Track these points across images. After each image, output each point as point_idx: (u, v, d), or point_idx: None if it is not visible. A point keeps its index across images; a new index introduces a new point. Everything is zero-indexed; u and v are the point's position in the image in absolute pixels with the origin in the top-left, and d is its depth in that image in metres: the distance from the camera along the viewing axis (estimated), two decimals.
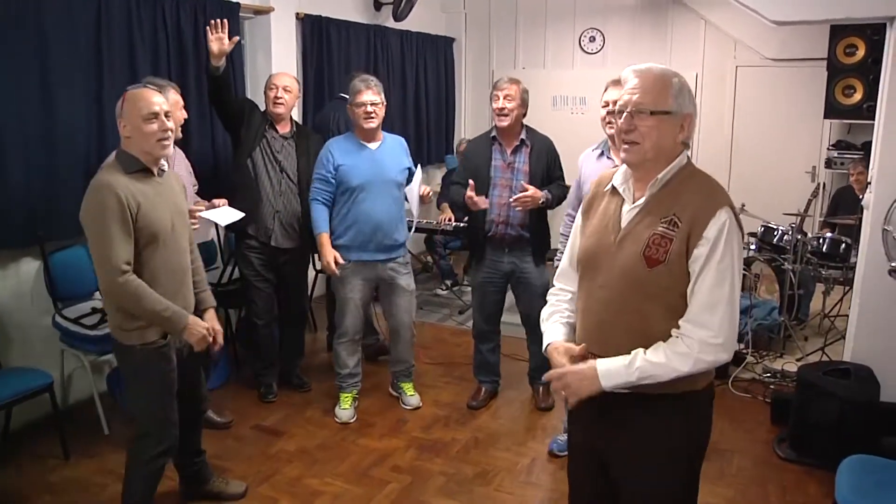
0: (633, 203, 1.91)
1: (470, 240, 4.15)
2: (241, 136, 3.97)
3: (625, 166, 1.95)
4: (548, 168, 3.89)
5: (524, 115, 3.89)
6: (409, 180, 4.05)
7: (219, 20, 3.70)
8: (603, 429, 1.98)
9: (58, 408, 3.57)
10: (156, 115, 2.55)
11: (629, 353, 1.83)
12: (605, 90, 3.22)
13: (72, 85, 3.76)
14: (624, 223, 1.91)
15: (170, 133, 2.61)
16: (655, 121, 1.82)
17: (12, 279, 3.77)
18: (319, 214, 3.81)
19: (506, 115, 3.80)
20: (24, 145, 3.58)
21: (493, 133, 3.94)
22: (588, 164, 3.41)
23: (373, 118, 3.74)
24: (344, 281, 3.87)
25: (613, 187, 1.98)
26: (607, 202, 1.99)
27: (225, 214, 3.76)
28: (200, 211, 3.51)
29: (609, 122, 3.17)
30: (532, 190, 3.68)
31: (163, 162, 2.68)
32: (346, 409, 4.00)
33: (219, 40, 3.69)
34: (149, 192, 2.57)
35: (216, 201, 3.83)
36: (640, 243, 1.84)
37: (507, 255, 3.94)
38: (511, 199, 3.73)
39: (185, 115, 3.65)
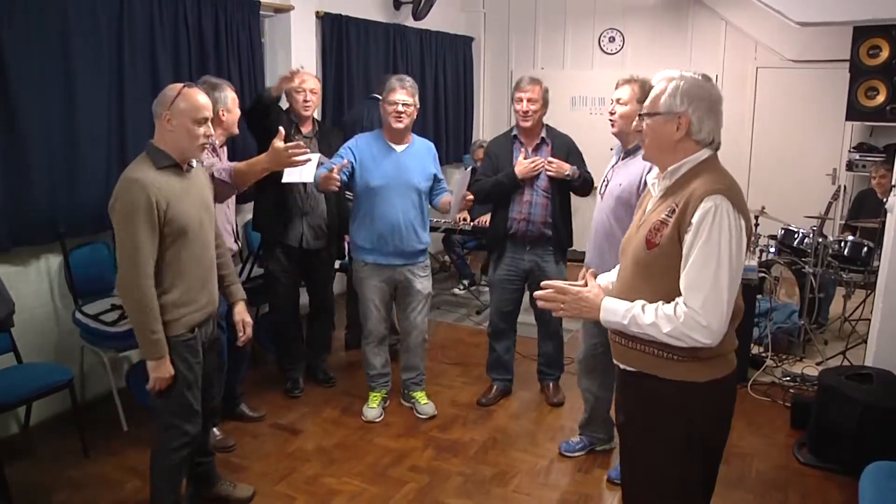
0: (657, 194, 2.08)
1: (491, 236, 4.14)
2: (266, 141, 3.94)
3: None
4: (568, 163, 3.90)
5: (544, 113, 3.92)
6: (456, 181, 3.99)
7: (297, 68, 3.84)
8: (619, 402, 2.22)
9: (77, 404, 3.59)
10: (205, 121, 2.58)
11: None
12: (616, 87, 3.24)
13: (93, 83, 3.78)
14: (646, 212, 2.08)
15: (212, 139, 2.66)
16: (651, 122, 2.01)
17: (34, 275, 3.80)
18: (319, 170, 3.58)
19: (529, 117, 3.83)
20: (45, 143, 3.61)
21: (514, 132, 3.96)
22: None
23: (402, 119, 3.67)
24: (362, 282, 3.86)
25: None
26: (647, 198, 2.17)
27: (306, 171, 3.55)
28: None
29: (610, 120, 3.21)
30: (558, 162, 3.77)
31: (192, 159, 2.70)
32: (373, 407, 3.99)
33: (287, 80, 3.79)
34: (177, 187, 2.57)
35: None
36: (647, 228, 2.00)
37: (528, 252, 3.95)
38: (538, 161, 3.79)
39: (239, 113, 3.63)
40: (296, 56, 5.12)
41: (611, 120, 3.20)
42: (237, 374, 3.83)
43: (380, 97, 3.92)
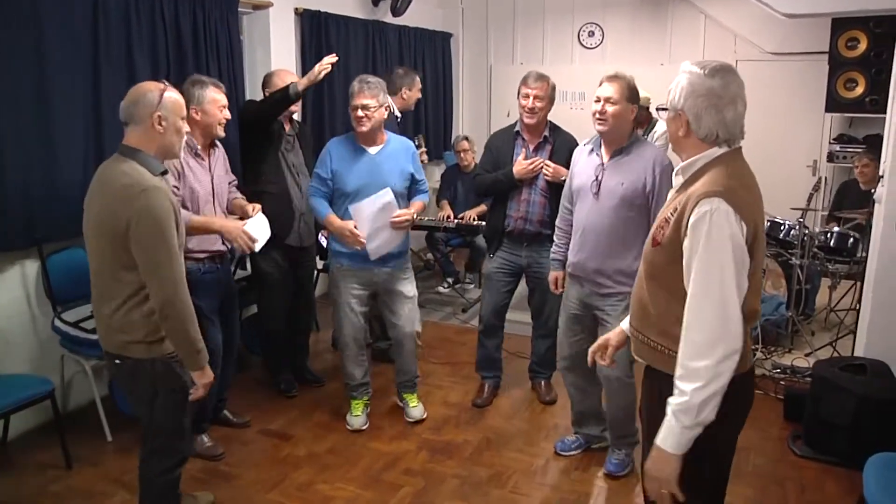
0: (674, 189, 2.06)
1: (489, 230, 4.09)
2: (270, 143, 3.91)
3: None
4: (567, 165, 3.83)
5: (550, 110, 3.86)
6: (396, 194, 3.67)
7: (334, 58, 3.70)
8: (642, 395, 2.22)
9: (59, 414, 3.47)
10: (185, 117, 2.50)
11: (641, 325, 2.05)
12: (599, 85, 3.14)
13: (68, 82, 3.65)
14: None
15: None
16: (665, 116, 2.01)
17: (10, 282, 3.66)
18: (320, 203, 3.62)
19: (535, 114, 3.77)
20: (20, 146, 3.47)
21: (517, 128, 3.90)
22: (581, 159, 3.32)
23: (363, 122, 3.55)
24: (337, 284, 3.74)
25: None
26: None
27: (261, 229, 3.48)
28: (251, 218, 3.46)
29: (597, 119, 3.10)
30: (556, 167, 3.73)
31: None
32: (357, 415, 3.88)
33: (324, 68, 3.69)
34: (171, 196, 2.47)
35: (249, 207, 3.58)
36: (656, 225, 2.00)
37: (525, 249, 3.92)
38: (537, 161, 3.75)
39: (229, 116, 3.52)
40: (275, 53, 5.02)
41: (601, 119, 3.08)
42: (225, 377, 3.74)
43: None
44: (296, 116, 4.28)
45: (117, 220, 2.29)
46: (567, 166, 3.81)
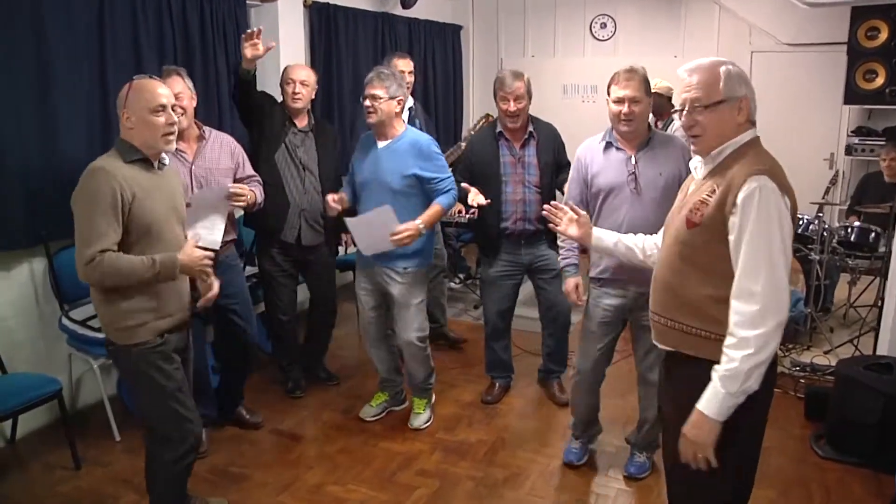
0: (699, 177, 2.09)
1: (481, 236, 3.99)
2: (265, 133, 3.81)
3: None
4: (555, 155, 3.81)
5: (529, 105, 3.74)
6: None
7: (255, 28, 3.53)
8: (662, 388, 2.25)
9: (67, 414, 3.41)
10: (163, 108, 2.45)
11: (669, 309, 2.06)
12: (615, 84, 2.98)
13: (73, 78, 3.60)
14: (688, 195, 2.09)
15: (176, 127, 2.51)
16: (711, 112, 1.96)
17: (16, 281, 3.62)
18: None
19: (517, 117, 3.67)
20: (24, 143, 3.43)
21: (499, 128, 3.78)
22: (596, 157, 3.11)
23: (371, 113, 3.45)
24: (356, 282, 3.75)
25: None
26: (689, 181, 2.17)
27: (211, 233, 3.26)
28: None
29: (623, 120, 2.95)
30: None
31: (164, 156, 2.57)
32: (371, 406, 3.90)
33: (253, 46, 3.53)
34: (145, 183, 2.46)
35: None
36: (687, 208, 2.01)
37: (524, 247, 3.84)
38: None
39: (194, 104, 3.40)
40: (284, 47, 4.94)
41: (628, 121, 2.94)
42: (243, 373, 3.71)
43: None
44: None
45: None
46: (554, 156, 3.76)
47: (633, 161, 3.01)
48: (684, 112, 2.00)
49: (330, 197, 3.60)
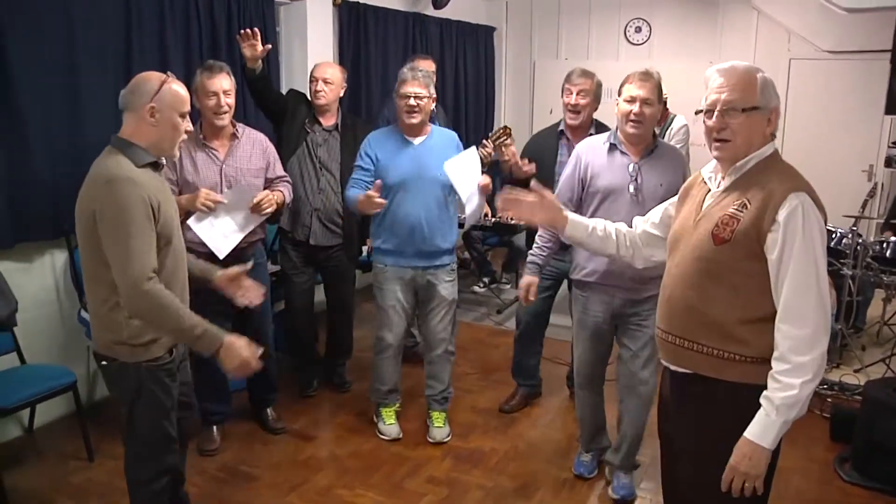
0: (717, 189, 1.99)
1: (530, 237, 3.93)
2: (283, 130, 3.82)
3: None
4: None
5: (595, 109, 3.69)
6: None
7: (250, 29, 3.52)
8: (665, 408, 2.15)
9: (81, 406, 3.45)
10: (188, 115, 2.37)
11: (688, 329, 1.95)
12: (629, 83, 2.89)
13: (100, 76, 3.64)
14: (704, 207, 1.99)
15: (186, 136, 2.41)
16: (745, 117, 1.87)
17: (38, 273, 3.67)
18: (352, 193, 3.42)
19: (577, 113, 3.61)
20: (50, 137, 3.47)
21: (561, 127, 3.74)
22: (596, 157, 3.02)
23: (415, 113, 3.40)
24: (382, 288, 3.57)
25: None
26: (698, 190, 2.07)
27: (225, 239, 3.26)
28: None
29: (632, 120, 2.86)
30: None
31: (162, 158, 2.45)
32: (391, 423, 3.72)
33: (251, 47, 3.53)
34: (161, 188, 2.34)
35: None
36: (711, 223, 1.92)
37: (569, 253, 3.71)
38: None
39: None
40: (311, 46, 4.94)
41: (637, 121, 2.86)
42: (269, 375, 3.67)
43: None
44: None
45: (88, 214, 2.20)
46: None
47: (636, 167, 2.94)
48: (714, 114, 1.89)
49: (373, 193, 3.29)
